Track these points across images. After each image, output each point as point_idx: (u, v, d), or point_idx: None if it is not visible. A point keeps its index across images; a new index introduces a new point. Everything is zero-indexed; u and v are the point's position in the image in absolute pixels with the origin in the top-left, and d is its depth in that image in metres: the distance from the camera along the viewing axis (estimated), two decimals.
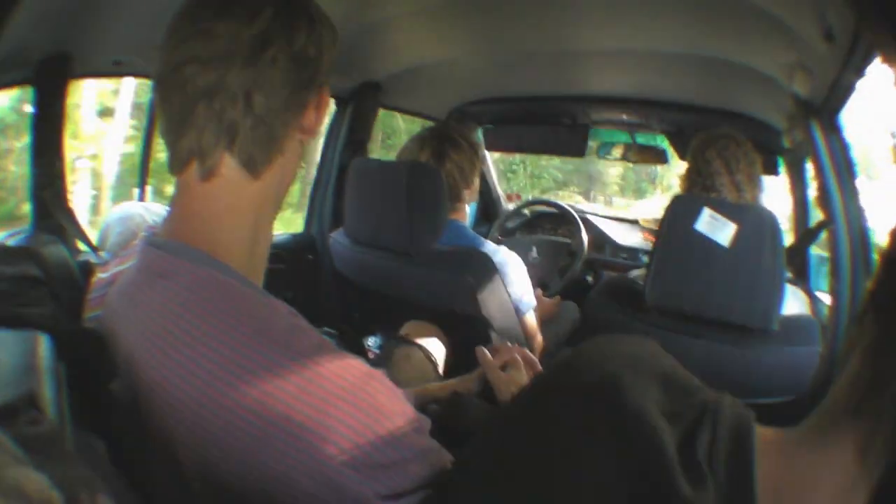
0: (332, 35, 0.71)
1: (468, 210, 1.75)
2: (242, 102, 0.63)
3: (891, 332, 0.42)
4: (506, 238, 2.85)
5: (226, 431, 0.54)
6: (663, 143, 2.76)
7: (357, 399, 0.58)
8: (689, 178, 1.55)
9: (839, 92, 1.39)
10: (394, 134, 8.16)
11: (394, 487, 0.58)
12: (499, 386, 1.09)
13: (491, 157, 3.14)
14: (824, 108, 1.48)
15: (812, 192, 1.96)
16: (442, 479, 0.63)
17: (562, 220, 2.84)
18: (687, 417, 0.46)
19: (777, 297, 1.27)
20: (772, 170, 2.19)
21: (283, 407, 0.54)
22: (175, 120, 0.65)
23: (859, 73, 1.27)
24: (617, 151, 2.86)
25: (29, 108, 1.36)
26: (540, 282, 2.41)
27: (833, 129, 1.49)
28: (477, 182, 1.72)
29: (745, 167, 1.49)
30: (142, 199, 1.91)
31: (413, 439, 0.62)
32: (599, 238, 2.83)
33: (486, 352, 1.15)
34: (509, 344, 1.20)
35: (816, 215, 1.85)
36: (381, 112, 2.36)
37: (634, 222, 2.99)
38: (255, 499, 0.55)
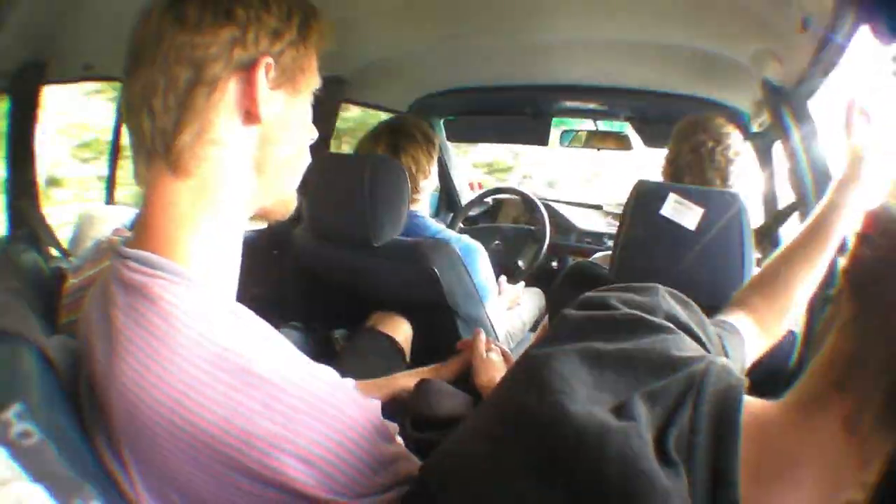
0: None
1: (428, 200, 1.76)
2: (146, 106, 0.62)
3: (868, 308, 0.43)
4: (469, 227, 2.85)
5: (197, 451, 0.54)
6: (625, 129, 2.80)
7: (322, 412, 0.58)
8: (672, 164, 1.49)
9: (812, 79, 1.41)
10: None
11: (361, 493, 0.59)
12: (486, 369, 1.11)
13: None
14: (795, 94, 1.50)
15: (781, 175, 1.97)
16: (410, 483, 0.64)
17: (525, 207, 2.85)
18: (672, 393, 0.47)
19: (745, 279, 1.24)
20: None
21: (248, 424, 0.54)
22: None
23: (833, 60, 1.29)
24: (580, 139, 2.87)
25: None
26: (504, 269, 2.43)
27: (804, 114, 1.51)
28: (434, 172, 1.73)
29: (731, 154, 1.44)
30: (111, 202, 1.93)
31: (380, 449, 0.62)
32: (563, 224, 2.86)
33: (481, 333, 1.18)
34: (482, 334, 1.22)
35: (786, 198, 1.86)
36: None
37: (598, 207, 3.02)
38: None
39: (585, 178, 7.67)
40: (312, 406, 0.57)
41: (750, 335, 0.83)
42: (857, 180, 0.91)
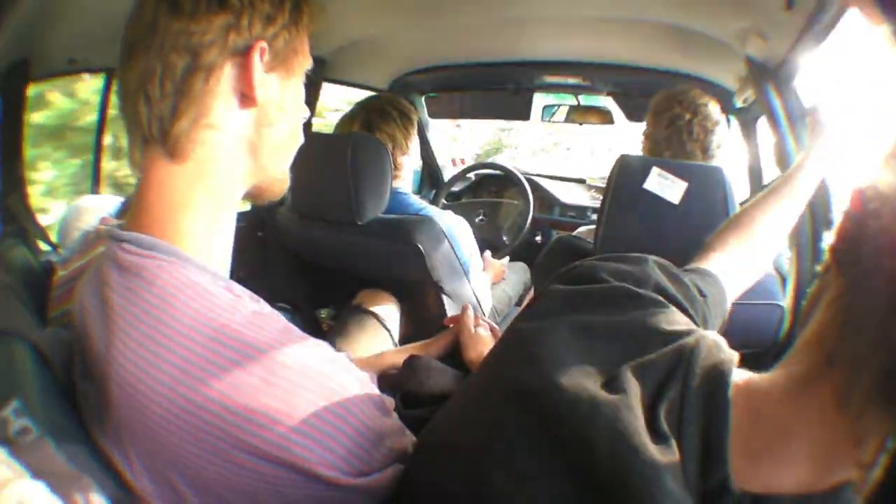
0: None
1: (410, 177, 1.76)
2: (142, 93, 0.63)
3: (857, 284, 0.42)
4: (452, 202, 2.85)
5: (198, 429, 0.55)
6: (600, 101, 2.79)
7: (321, 386, 0.59)
8: (651, 139, 1.49)
9: (798, 57, 1.41)
10: None
11: (360, 468, 0.60)
12: (474, 345, 1.13)
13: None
14: (780, 71, 1.50)
15: (765, 150, 1.96)
16: (405, 457, 0.65)
17: (507, 182, 2.84)
18: (661, 367, 0.48)
19: None
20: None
21: (249, 400, 0.55)
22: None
23: (820, 39, 1.29)
24: (561, 113, 2.87)
25: None
26: (488, 244, 2.44)
27: (789, 90, 1.52)
28: (415, 148, 1.73)
29: (709, 125, 1.44)
30: (96, 192, 1.93)
31: (378, 422, 0.63)
32: (546, 198, 2.86)
33: (469, 308, 1.19)
34: (470, 310, 1.23)
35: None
36: None
37: (581, 181, 3.03)
38: (230, 492, 0.57)
39: (538, 150, 7.59)
40: (311, 379, 0.58)
41: (727, 276, 0.86)
42: (820, 151, 0.99)
